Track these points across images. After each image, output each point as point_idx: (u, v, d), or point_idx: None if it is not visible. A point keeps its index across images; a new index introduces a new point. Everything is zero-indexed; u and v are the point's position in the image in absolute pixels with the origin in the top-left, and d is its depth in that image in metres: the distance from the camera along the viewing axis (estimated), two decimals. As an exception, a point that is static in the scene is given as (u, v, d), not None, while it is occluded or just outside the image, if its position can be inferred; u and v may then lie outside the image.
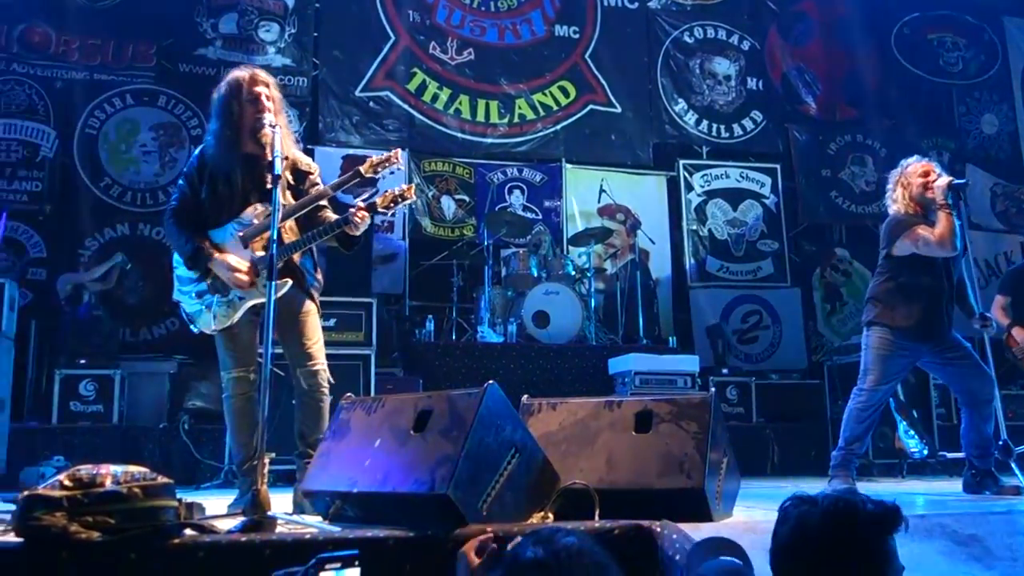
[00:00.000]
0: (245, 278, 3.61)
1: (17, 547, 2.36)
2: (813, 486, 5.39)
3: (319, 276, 3.92)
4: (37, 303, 7.63)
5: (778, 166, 10.10)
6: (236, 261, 3.62)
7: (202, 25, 8.76)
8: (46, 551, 2.31)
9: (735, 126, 10.12)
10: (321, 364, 3.80)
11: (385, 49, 9.23)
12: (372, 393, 5.91)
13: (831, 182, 10.18)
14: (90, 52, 8.46)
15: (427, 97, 9.27)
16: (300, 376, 3.76)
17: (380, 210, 3.66)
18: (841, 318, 9.82)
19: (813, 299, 9.87)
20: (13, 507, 2.54)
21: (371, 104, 9.09)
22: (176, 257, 3.79)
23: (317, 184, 3.88)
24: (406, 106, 9.18)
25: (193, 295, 3.73)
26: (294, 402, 3.88)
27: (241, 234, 3.67)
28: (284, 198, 3.66)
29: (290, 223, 3.73)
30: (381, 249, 8.56)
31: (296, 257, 3.76)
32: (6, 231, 7.31)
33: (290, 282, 3.66)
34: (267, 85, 3.71)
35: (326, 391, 3.78)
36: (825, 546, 1.72)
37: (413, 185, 3.81)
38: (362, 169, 3.72)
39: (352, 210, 3.63)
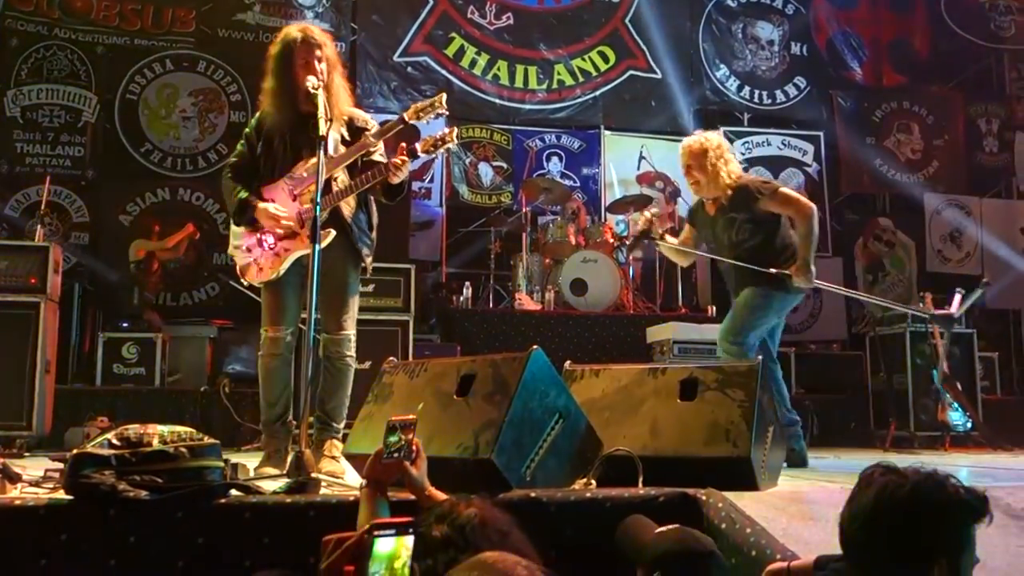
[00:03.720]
0: (289, 223, 3.62)
1: (67, 504, 2.38)
2: (853, 458, 5.34)
3: (373, 235, 3.88)
4: (81, 266, 7.73)
5: (821, 133, 9.90)
6: (279, 208, 3.63)
7: (241, -11, 8.75)
8: (95, 509, 2.33)
9: (778, 92, 9.92)
10: (349, 334, 3.77)
11: (423, 13, 9.15)
12: (411, 359, 5.92)
13: (876, 150, 9.96)
14: (130, 17, 8.48)
15: (465, 62, 9.20)
16: (326, 342, 3.75)
17: (421, 154, 3.65)
18: (883, 288, 9.64)
19: (855, 269, 9.70)
20: (62, 465, 2.57)
21: (409, 69, 9.03)
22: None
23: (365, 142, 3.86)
24: (444, 71, 9.11)
25: (244, 248, 3.75)
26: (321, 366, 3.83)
27: (293, 188, 3.68)
28: (338, 154, 3.70)
29: (341, 176, 3.70)
30: (418, 216, 8.55)
31: (347, 212, 3.72)
32: (50, 196, 7.39)
33: (333, 233, 3.63)
34: (320, 46, 3.68)
35: (350, 361, 3.77)
36: (910, 522, 1.67)
37: (454, 128, 3.78)
38: (406, 115, 3.70)
39: (392, 158, 3.62)
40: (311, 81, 3.51)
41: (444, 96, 3.70)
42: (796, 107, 9.94)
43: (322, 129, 3.24)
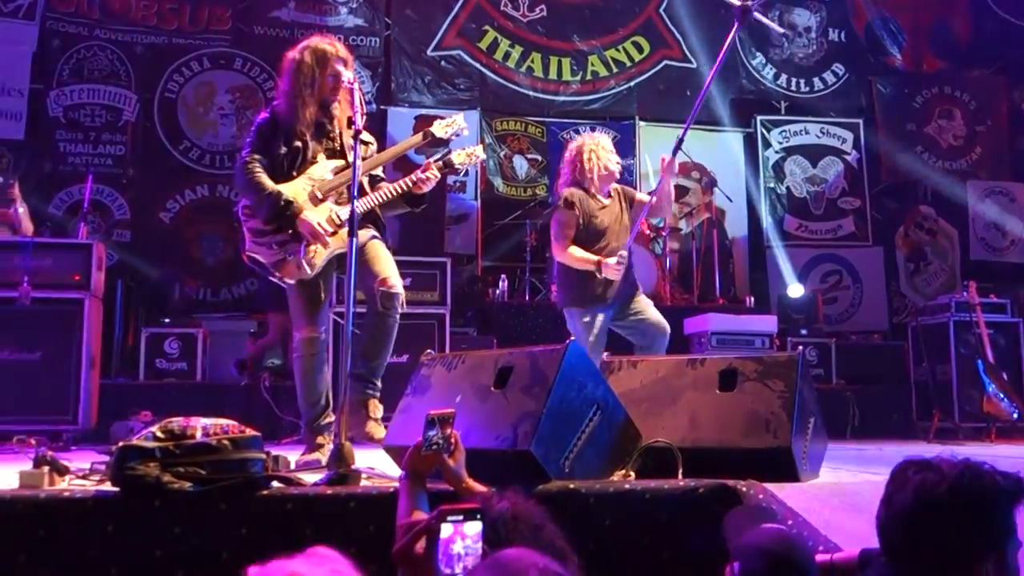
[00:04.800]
0: (327, 238, 3.66)
1: (113, 496, 2.43)
2: (896, 450, 5.27)
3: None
4: (123, 264, 7.85)
5: (860, 121, 9.75)
6: (321, 223, 3.65)
7: (276, -13, 8.81)
8: (140, 500, 2.38)
9: (815, 80, 9.79)
10: (398, 288, 3.74)
11: (456, 7, 9.15)
12: (447, 352, 5.94)
13: (916, 136, 9.78)
14: (168, 16, 8.59)
15: (499, 55, 9.19)
16: (375, 298, 3.71)
17: (457, 166, 3.88)
18: (925, 278, 9.50)
19: (896, 258, 9.55)
20: (108, 458, 2.62)
21: (443, 63, 9.04)
22: (244, 209, 3.79)
23: (371, 156, 3.93)
24: (478, 65, 9.11)
25: (273, 245, 3.72)
26: (359, 328, 3.82)
27: (311, 188, 3.71)
28: (347, 162, 3.74)
29: (365, 181, 3.80)
30: (453, 209, 8.57)
31: (378, 210, 3.82)
32: (92, 194, 7.51)
33: (372, 231, 3.72)
34: (346, 63, 3.76)
35: (397, 316, 3.74)
36: (951, 521, 1.63)
37: (480, 145, 3.94)
38: (433, 130, 3.91)
39: (419, 171, 3.77)
40: (347, 75, 3.55)
41: (462, 116, 3.99)
42: (834, 95, 9.79)
43: (359, 121, 3.28)
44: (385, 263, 3.79)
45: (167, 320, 6.98)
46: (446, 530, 1.67)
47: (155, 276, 7.85)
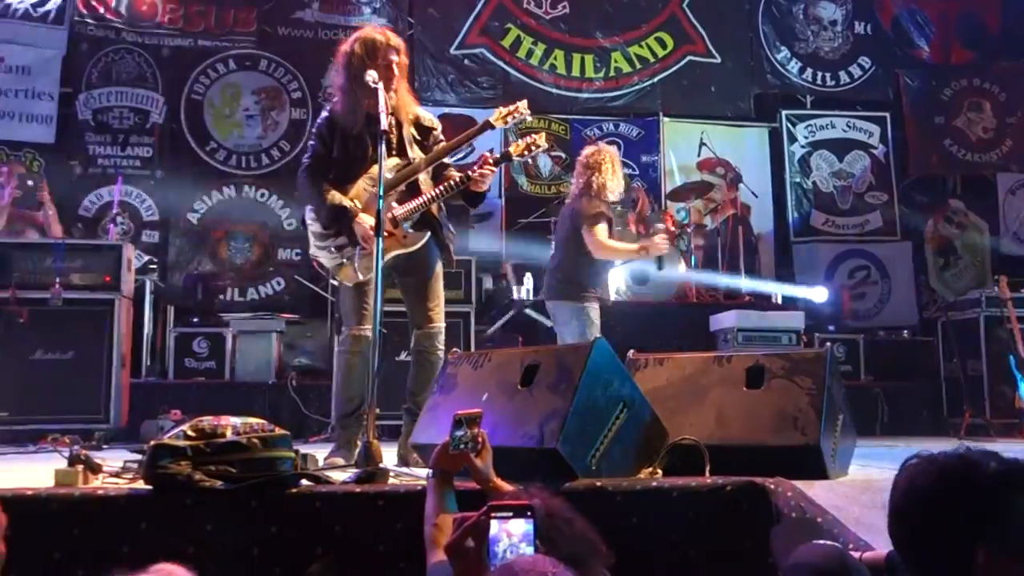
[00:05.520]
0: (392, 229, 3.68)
1: (145, 494, 2.46)
2: (927, 446, 5.21)
3: (452, 229, 4.02)
4: (152, 264, 7.94)
5: (887, 114, 9.64)
6: (373, 221, 3.68)
7: (299, -12, 8.86)
8: (172, 498, 2.41)
9: (841, 73, 9.68)
10: (440, 327, 3.86)
11: (479, 6, 9.16)
12: (473, 350, 5.96)
13: (945, 130, 9.65)
14: (194, 19, 8.66)
15: (522, 53, 9.18)
16: (418, 336, 3.83)
17: (515, 158, 3.89)
18: (955, 272, 9.38)
19: (924, 253, 9.44)
20: (140, 457, 2.65)
21: (466, 62, 9.06)
22: (309, 214, 3.86)
23: (440, 140, 3.94)
24: (501, 63, 9.12)
25: (332, 249, 3.79)
26: (399, 358, 3.94)
27: (374, 188, 3.73)
28: (413, 152, 3.80)
29: (423, 176, 3.80)
30: (478, 208, 8.56)
31: (434, 209, 3.84)
32: (121, 196, 7.61)
33: (429, 233, 3.72)
34: (398, 51, 3.76)
35: (441, 353, 3.83)
36: (936, 507, 1.59)
37: (543, 133, 3.88)
38: (491, 120, 3.83)
39: (476, 166, 3.74)
40: (371, 75, 3.53)
41: (525, 102, 3.86)
42: (861, 88, 9.68)
43: (384, 122, 3.28)
44: (437, 300, 3.87)
45: (195, 320, 7.05)
46: (493, 527, 1.68)
47: (182, 277, 7.94)
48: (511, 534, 1.67)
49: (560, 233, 5.29)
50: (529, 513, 1.69)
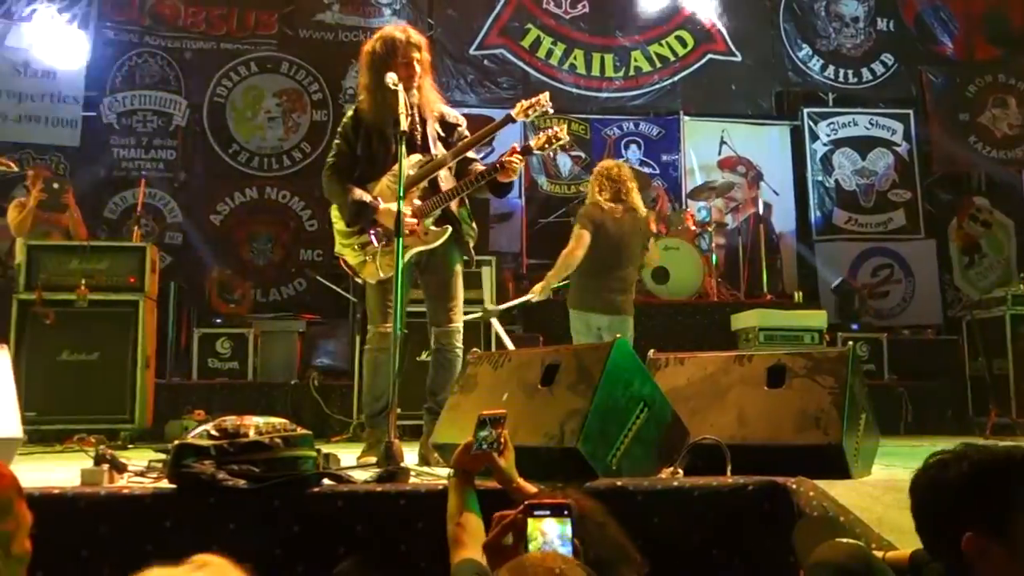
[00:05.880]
0: (413, 220, 3.68)
1: (170, 493, 2.49)
2: (952, 446, 5.16)
3: (474, 225, 3.99)
4: (176, 266, 8.01)
5: (911, 111, 9.55)
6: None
7: (320, -11, 8.91)
8: (196, 497, 2.43)
9: (864, 71, 9.61)
10: (458, 326, 3.88)
11: (499, 6, 9.17)
12: (493, 350, 5.96)
13: (969, 126, 9.55)
14: (216, 22, 8.74)
15: (541, 53, 9.19)
16: (437, 335, 3.85)
17: (535, 151, 3.87)
18: (980, 271, 9.27)
19: (948, 251, 9.35)
20: (164, 456, 2.68)
21: (485, 62, 9.07)
22: (334, 212, 3.89)
23: (465, 136, 3.96)
24: (520, 63, 9.13)
25: (356, 247, 3.82)
26: (420, 357, 3.96)
27: (396, 185, 3.75)
28: (437, 149, 3.81)
29: (445, 173, 3.81)
30: (497, 208, 8.58)
31: (454, 206, 3.84)
32: (145, 198, 7.68)
33: (451, 229, 3.73)
34: (419, 48, 3.78)
35: (459, 351, 3.85)
36: (952, 490, 1.60)
37: (564, 125, 3.87)
38: (513, 114, 3.81)
39: (504, 156, 3.72)
40: (391, 77, 3.55)
41: (547, 95, 3.80)
42: (884, 85, 9.61)
43: (403, 124, 3.29)
44: (457, 300, 3.88)
45: (218, 321, 7.11)
46: (531, 525, 1.68)
47: (206, 278, 8.00)
48: (548, 533, 1.68)
49: (634, 249, 5.38)
50: (566, 512, 1.69)
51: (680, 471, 2.80)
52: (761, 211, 8.69)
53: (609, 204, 5.26)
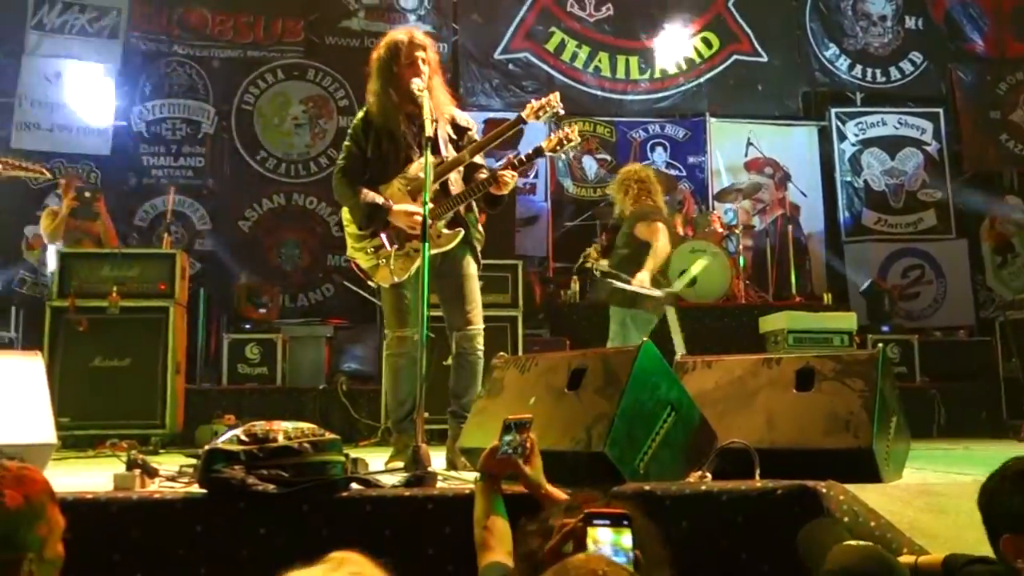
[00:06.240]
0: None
1: (201, 498, 2.51)
2: (985, 449, 5.09)
3: (480, 229, 3.98)
4: (205, 272, 8.09)
5: (940, 110, 9.46)
6: (413, 208, 3.69)
7: (346, -3, 8.98)
8: (227, 502, 2.45)
9: (892, 69, 9.53)
10: (478, 328, 3.86)
11: (523, 10, 9.19)
12: (520, 354, 5.96)
13: (1000, 124, 9.43)
14: (243, 30, 8.83)
15: (566, 56, 9.19)
16: (458, 339, 3.83)
17: (547, 153, 3.81)
18: (1013, 271, 9.15)
19: (981, 251, 9.23)
20: (195, 461, 2.71)
21: (510, 67, 9.09)
22: (346, 215, 3.90)
23: (475, 140, 3.94)
24: (545, 66, 9.14)
25: (369, 250, 3.82)
26: (446, 362, 3.95)
27: (409, 188, 3.76)
28: (448, 152, 3.80)
29: (455, 176, 3.80)
30: (524, 211, 8.59)
31: (462, 210, 3.83)
32: (174, 205, 7.78)
33: (462, 232, 3.74)
34: (424, 48, 3.78)
35: (481, 354, 3.84)
36: (997, 495, 1.60)
37: (575, 127, 3.84)
38: (523, 115, 3.79)
39: (499, 169, 3.73)
40: (416, 83, 3.58)
41: (558, 95, 3.79)
42: (912, 84, 9.52)
43: (428, 130, 3.29)
44: (474, 302, 3.87)
45: (247, 326, 7.17)
46: (590, 534, 1.66)
47: (234, 284, 8.08)
48: (607, 541, 1.66)
49: None
50: (626, 522, 1.67)
51: (708, 475, 2.78)
52: (789, 212, 8.62)
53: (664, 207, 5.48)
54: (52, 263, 6.10)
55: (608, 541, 1.66)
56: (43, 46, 8.50)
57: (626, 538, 1.65)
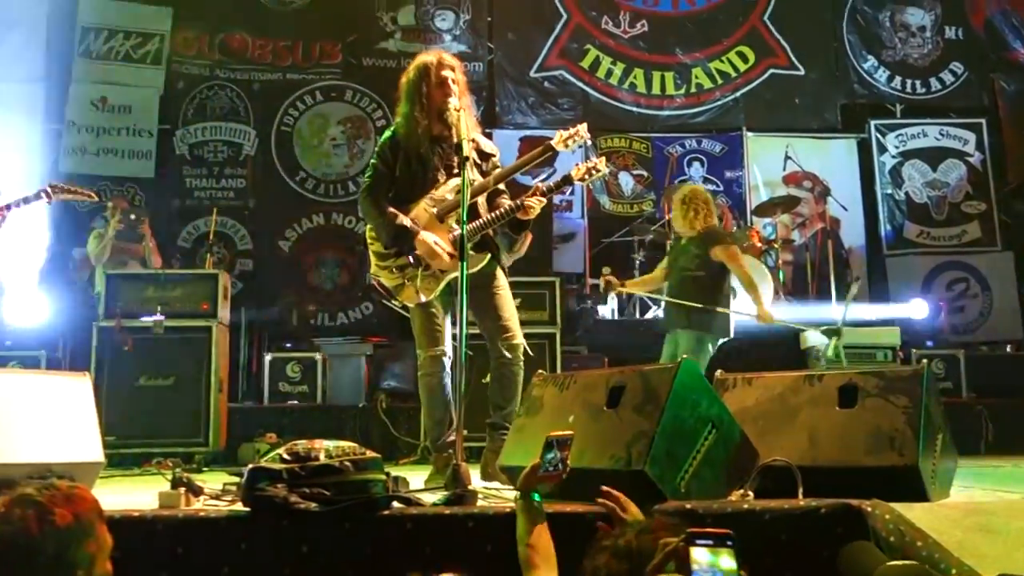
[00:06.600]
0: (446, 260, 3.70)
1: (244, 516, 2.54)
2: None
3: (504, 253, 4.02)
4: (246, 291, 8.20)
5: (983, 120, 9.32)
6: (437, 239, 3.72)
7: (382, 19, 9.09)
8: (269, 520, 2.48)
9: (932, 80, 9.41)
10: (518, 337, 3.86)
11: (558, 28, 9.24)
12: (558, 371, 5.95)
13: (1046, 134, 9.26)
14: (282, 54, 8.98)
15: (601, 73, 9.21)
16: (498, 348, 3.83)
17: (576, 182, 3.82)
18: (1061, 284, 8.95)
19: (1028, 264, 9.05)
20: (238, 479, 2.74)
21: (546, 84, 9.13)
22: (370, 233, 3.92)
23: (498, 167, 3.97)
24: (580, 83, 9.17)
25: (393, 269, 3.82)
26: (486, 380, 3.95)
27: (435, 210, 3.78)
28: (474, 175, 3.79)
29: (481, 200, 3.82)
30: (560, 228, 8.61)
31: (490, 231, 3.85)
32: (217, 226, 7.90)
33: (490, 255, 3.76)
34: (453, 69, 3.82)
35: (521, 364, 3.83)
36: None
37: (604, 158, 3.87)
38: (552, 143, 3.83)
39: (526, 196, 3.74)
40: (452, 102, 3.61)
41: (585, 126, 3.83)
42: (954, 94, 9.39)
43: (466, 149, 3.32)
44: (509, 312, 3.87)
45: (288, 345, 7.24)
46: (692, 554, 1.63)
47: (275, 303, 8.19)
48: (709, 562, 1.62)
49: None
50: (730, 543, 1.63)
51: (750, 493, 2.75)
52: (829, 226, 8.54)
53: None
54: (99, 284, 6.24)
55: (707, 562, 1.62)
56: (90, 73, 8.72)
57: (726, 560, 1.61)
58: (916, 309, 7.97)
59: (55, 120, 8.60)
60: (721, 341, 5.45)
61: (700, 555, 1.63)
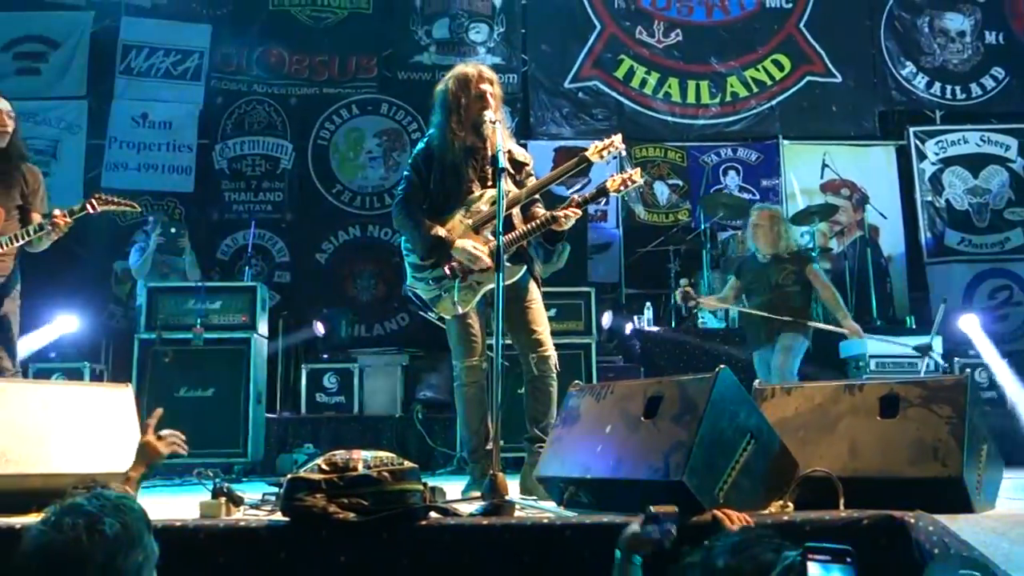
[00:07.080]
0: (488, 261, 3.70)
1: (284, 526, 2.56)
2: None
3: (539, 264, 4.01)
4: (284, 303, 8.29)
5: (1025, 126, 9.15)
6: (478, 247, 3.73)
7: (417, 33, 9.17)
8: (309, 530, 2.50)
9: (972, 86, 9.27)
10: (551, 350, 3.86)
11: (591, 38, 9.24)
12: (595, 382, 5.94)
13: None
14: (319, 68, 9.09)
15: (635, 83, 9.20)
16: (531, 362, 3.84)
17: (612, 193, 3.83)
18: (1110, 293, 8.75)
19: (1072, 273, 8.87)
20: (277, 489, 2.77)
21: (580, 95, 9.14)
22: (405, 245, 3.94)
23: (532, 175, 3.97)
24: (614, 94, 9.16)
25: (430, 281, 3.84)
26: (521, 390, 3.96)
27: (470, 220, 3.79)
28: (508, 186, 3.79)
29: (516, 211, 3.83)
30: (595, 238, 8.60)
31: (524, 242, 3.86)
32: (255, 239, 8.00)
33: (525, 267, 3.77)
34: (491, 82, 3.83)
35: (555, 376, 3.84)
36: None
37: (639, 168, 3.86)
38: (587, 154, 3.83)
39: (560, 208, 3.74)
40: (488, 115, 3.63)
41: (620, 136, 3.84)
42: (995, 100, 9.24)
43: (502, 161, 3.32)
44: (543, 325, 3.88)
45: (325, 356, 7.31)
46: (811, 568, 1.60)
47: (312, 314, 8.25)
48: None
49: None
50: (849, 559, 1.59)
51: (790, 504, 2.72)
52: (868, 234, 8.43)
53: None
54: (140, 297, 6.34)
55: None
56: (130, 89, 8.89)
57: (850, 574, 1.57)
58: (968, 324, 7.72)
59: (97, 136, 8.77)
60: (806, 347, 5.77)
61: (815, 570, 1.59)
